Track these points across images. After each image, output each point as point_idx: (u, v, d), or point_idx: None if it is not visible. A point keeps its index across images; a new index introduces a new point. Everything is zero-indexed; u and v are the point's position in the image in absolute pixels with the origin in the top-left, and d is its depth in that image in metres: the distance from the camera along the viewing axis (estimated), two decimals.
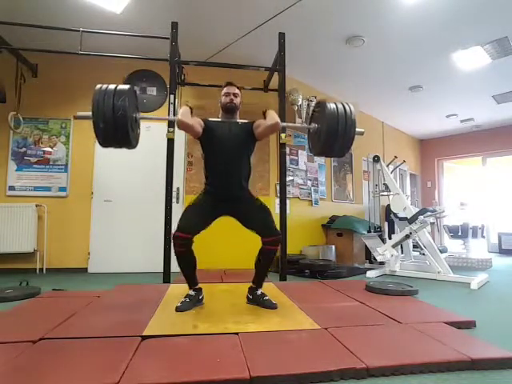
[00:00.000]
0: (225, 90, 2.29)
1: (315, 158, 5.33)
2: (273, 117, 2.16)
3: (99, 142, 1.97)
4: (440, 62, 4.48)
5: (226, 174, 2.19)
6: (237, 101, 2.28)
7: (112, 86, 1.92)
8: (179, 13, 3.41)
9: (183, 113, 2.09)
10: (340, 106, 2.10)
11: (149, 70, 4.22)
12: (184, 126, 2.10)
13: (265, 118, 2.20)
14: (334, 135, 2.07)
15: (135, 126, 2.09)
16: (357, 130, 2.13)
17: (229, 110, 2.27)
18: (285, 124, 2.73)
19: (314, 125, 2.29)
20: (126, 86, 1.96)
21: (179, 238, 2.02)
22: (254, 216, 2.19)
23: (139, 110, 2.15)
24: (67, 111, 4.17)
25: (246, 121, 2.30)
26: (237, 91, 2.29)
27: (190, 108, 2.15)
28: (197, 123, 2.15)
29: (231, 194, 2.20)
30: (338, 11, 3.45)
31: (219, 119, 2.31)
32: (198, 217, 2.13)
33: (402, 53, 4.27)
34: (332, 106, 2.09)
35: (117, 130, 1.88)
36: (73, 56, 3.41)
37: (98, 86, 1.93)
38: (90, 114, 1.87)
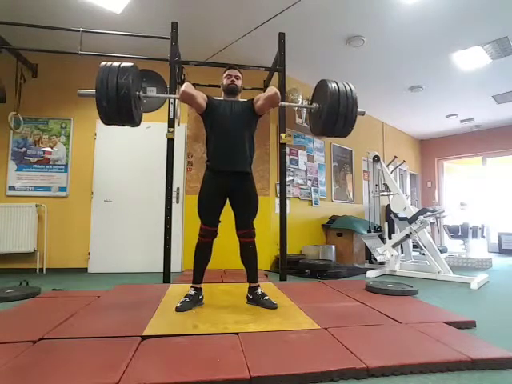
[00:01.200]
0: (227, 72, 2.32)
1: (315, 157, 5.33)
2: (271, 89, 2.18)
3: (102, 120, 1.98)
4: (440, 62, 4.48)
5: (228, 148, 2.20)
6: (238, 83, 2.31)
7: (116, 64, 1.92)
8: (179, 13, 3.41)
9: (187, 85, 2.11)
10: (341, 84, 2.10)
11: (149, 70, 4.22)
12: (188, 97, 2.10)
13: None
14: (335, 114, 2.06)
15: (139, 104, 2.10)
16: (358, 110, 2.13)
17: (230, 91, 2.29)
18: (285, 104, 2.72)
19: (315, 104, 2.29)
20: (130, 64, 1.96)
21: (206, 230, 2.17)
22: (242, 206, 2.24)
23: (142, 87, 2.16)
24: (67, 111, 4.18)
25: (245, 100, 2.33)
26: (238, 74, 2.33)
27: (193, 84, 2.20)
28: (200, 96, 2.18)
29: (233, 170, 2.19)
30: (337, 11, 3.45)
31: (222, 98, 2.33)
32: (214, 211, 2.21)
33: (401, 53, 4.27)
34: (333, 84, 2.09)
35: (120, 109, 1.88)
36: (73, 56, 3.41)
37: (103, 63, 1.94)
38: (93, 91, 1.87)
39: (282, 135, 3.42)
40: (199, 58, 4.04)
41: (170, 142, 3.24)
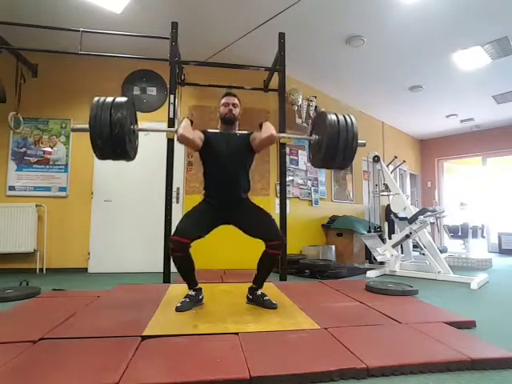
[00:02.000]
0: (223, 100, 2.25)
1: None
2: (268, 129, 2.11)
3: (97, 156, 1.95)
4: (440, 62, 4.48)
5: (224, 186, 2.20)
6: (236, 111, 2.25)
7: (109, 100, 1.87)
8: (179, 13, 3.41)
9: (184, 126, 2.07)
10: (341, 117, 2.06)
11: (149, 70, 4.22)
12: (185, 140, 2.08)
13: (261, 129, 2.17)
14: (334, 148, 2.01)
15: (133, 138, 2.07)
16: (359, 141, 2.08)
17: (227, 121, 2.25)
18: (283, 135, 2.70)
19: (314, 136, 2.24)
20: (124, 99, 1.92)
21: (176, 242, 1.99)
22: (257, 223, 2.17)
23: (137, 120, 2.14)
24: (67, 111, 4.18)
25: (244, 132, 2.29)
26: (236, 101, 2.25)
27: (191, 121, 2.14)
28: (197, 137, 2.14)
29: (230, 205, 2.21)
30: (337, 11, 3.45)
31: (218, 131, 2.30)
32: (198, 223, 2.12)
33: (401, 53, 4.27)
34: (333, 117, 2.05)
35: (114, 146, 1.86)
36: (73, 56, 3.41)
37: (96, 98, 1.89)
38: (87, 126, 1.84)
39: (282, 135, 3.42)
40: (199, 58, 4.04)
41: (170, 142, 3.24)
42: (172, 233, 2.08)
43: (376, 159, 4.25)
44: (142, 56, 3.65)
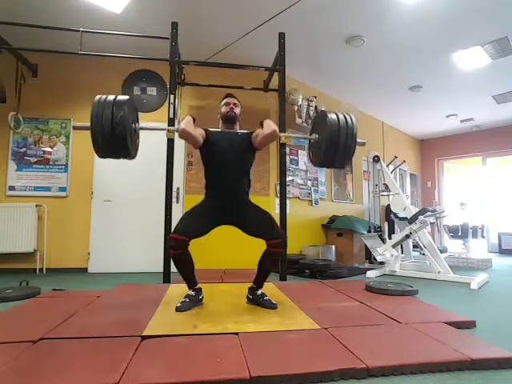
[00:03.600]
0: (224, 100, 2.30)
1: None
2: (269, 125, 2.14)
3: (98, 155, 1.95)
4: (440, 62, 4.48)
5: (225, 185, 2.20)
6: (237, 110, 2.28)
7: (111, 98, 1.87)
8: (179, 13, 3.41)
9: (186, 122, 2.08)
10: (341, 116, 2.07)
11: (149, 70, 4.22)
12: (186, 135, 2.09)
13: (262, 127, 2.18)
14: (334, 147, 2.03)
15: (134, 136, 2.07)
16: (358, 140, 2.09)
17: (229, 119, 2.27)
18: (284, 134, 2.71)
19: (314, 135, 2.25)
20: (125, 97, 1.92)
21: (175, 240, 1.99)
22: (257, 222, 2.17)
23: (138, 119, 2.13)
24: (67, 111, 4.18)
25: (245, 131, 2.30)
26: (236, 102, 2.30)
27: (193, 118, 2.15)
28: (198, 134, 2.15)
29: (231, 205, 2.20)
30: (338, 11, 3.45)
31: (219, 130, 2.31)
32: (197, 221, 2.12)
33: (401, 53, 4.27)
34: (333, 116, 2.06)
35: (116, 145, 1.85)
36: (73, 56, 3.40)
37: (97, 97, 1.89)
38: (88, 125, 1.84)
39: (282, 135, 3.42)
40: (199, 58, 4.04)
41: (170, 142, 3.24)
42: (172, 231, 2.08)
43: (376, 159, 4.25)
44: (141, 56, 3.64)
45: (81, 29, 3.27)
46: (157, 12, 3.44)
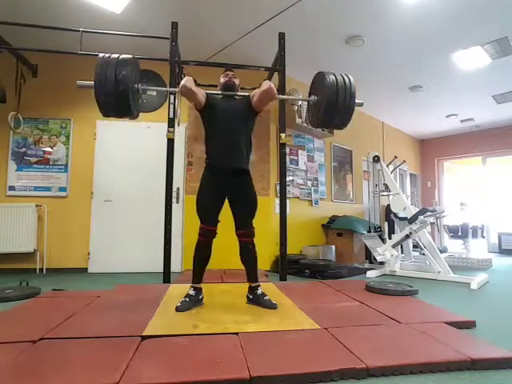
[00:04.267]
0: (223, 74, 2.38)
1: (315, 157, 5.33)
2: (266, 82, 2.18)
3: (101, 112, 1.99)
4: (440, 62, 4.48)
5: (227, 145, 2.20)
6: (236, 81, 2.35)
7: (115, 56, 1.91)
8: (179, 13, 3.41)
9: (187, 80, 2.10)
10: (339, 77, 2.10)
11: (149, 70, 4.21)
12: (188, 92, 2.10)
13: None
14: (333, 108, 2.06)
15: (137, 96, 2.10)
16: (356, 101, 2.12)
17: (228, 87, 2.32)
18: (283, 97, 2.74)
19: (313, 97, 2.28)
20: (129, 56, 1.96)
21: (205, 230, 2.15)
22: (242, 206, 2.24)
23: (141, 79, 2.15)
24: (67, 111, 4.18)
25: (244, 93, 2.34)
26: (235, 74, 2.38)
27: (194, 80, 2.18)
28: (200, 92, 2.18)
29: (232, 167, 2.19)
30: (338, 11, 3.45)
31: (220, 94, 2.36)
32: (213, 206, 2.20)
33: (402, 53, 4.27)
34: (331, 77, 2.09)
35: (119, 103, 1.89)
36: (73, 56, 3.40)
37: (101, 54, 1.93)
38: (92, 83, 1.88)
39: (282, 135, 3.42)
40: (199, 58, 4.04)
41: (170, 142, 3.23)
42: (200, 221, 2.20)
43: (376, 159, 4.25)
44: (141, 56, 3.63)
45: (81, 29, 3.27)
46: (157, 12, 3.44)
